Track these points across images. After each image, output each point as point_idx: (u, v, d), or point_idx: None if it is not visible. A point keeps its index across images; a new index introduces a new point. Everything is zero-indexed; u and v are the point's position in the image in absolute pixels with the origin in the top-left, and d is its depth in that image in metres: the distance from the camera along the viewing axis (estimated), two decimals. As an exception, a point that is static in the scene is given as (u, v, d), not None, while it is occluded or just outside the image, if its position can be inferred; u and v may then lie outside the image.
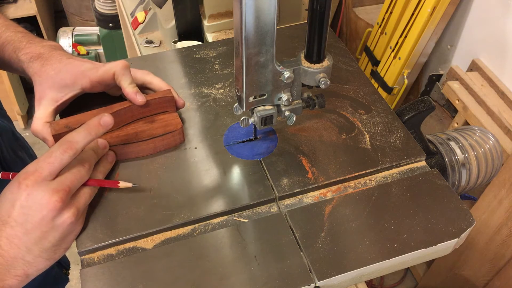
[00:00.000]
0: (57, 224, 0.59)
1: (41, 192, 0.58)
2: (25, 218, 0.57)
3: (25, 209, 0.57)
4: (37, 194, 0.58)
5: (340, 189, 0.72)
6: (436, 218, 0.67)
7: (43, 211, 0.58)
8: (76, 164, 0.62)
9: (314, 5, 0.60)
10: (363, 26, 1.74)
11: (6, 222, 0.57)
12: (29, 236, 0.57)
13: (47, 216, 0.58)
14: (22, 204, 0.57)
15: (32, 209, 0.57)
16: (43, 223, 0.58)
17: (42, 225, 0.58)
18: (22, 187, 0.57)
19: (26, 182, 0.58)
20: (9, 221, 0.57)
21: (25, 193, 0.57)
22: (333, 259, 0.63)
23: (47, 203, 0.58)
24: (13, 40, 0.75)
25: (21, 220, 0.57)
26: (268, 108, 0.69)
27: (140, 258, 0.63)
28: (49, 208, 0.58)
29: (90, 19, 2.60)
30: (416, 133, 0.81)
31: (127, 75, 0.73)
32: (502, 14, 1.30)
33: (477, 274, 1.48)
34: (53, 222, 0.59)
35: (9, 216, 0.57)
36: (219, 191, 0.71)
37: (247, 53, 0.60)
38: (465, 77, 1.40)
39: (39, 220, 0.58)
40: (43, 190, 0.58)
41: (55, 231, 0.59)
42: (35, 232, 0.58)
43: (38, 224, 0.58)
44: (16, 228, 0.57)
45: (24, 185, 0.57)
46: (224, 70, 0.91)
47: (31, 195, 0.57)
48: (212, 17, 1.18)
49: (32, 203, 0.57)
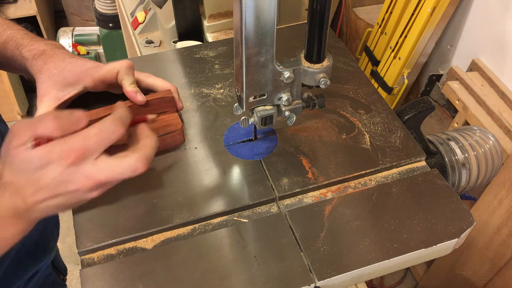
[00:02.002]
0: (82, 198, 0.59)
1: (79, 173, 0.57)
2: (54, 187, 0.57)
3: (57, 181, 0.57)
4: (75, 174, 0.57)
5: (340, 189, 0.72)
6: (436, 218, 0.67)
7: (72, 188, 0.57)
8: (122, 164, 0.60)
9: (314, 5, 0.60)
10: (363, 26, 1.74)
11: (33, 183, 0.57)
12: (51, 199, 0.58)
13: (75, 192, 0.58)
14: (56, 177, 0.56)
15: (64, 184, 0.57)
16: (70, 195, 0.58)
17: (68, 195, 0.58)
18: (62, 163, 0.56)
19: (68, 160, 0.56)
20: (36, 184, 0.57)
21: (61, 169, 0.56)
22: (333, 259, 0.63)
23: (80, 184, 0.57)
24: (15, 38, 0.75)
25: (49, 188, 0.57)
26: (268, 108, 0.69)
27: (140, 258, 0.63)
28: (81, 188, 0.57)
29: (90, 19, 2.60)
30: (416, 133, 0.81)
31: (130, 75, 0.73)
32: (502, 14, 1.30)
33: (477, 274, 1.48)
34: (79, 197, 0.59)
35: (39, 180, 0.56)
36: (219, 191, 0.71)
37: (247, 53, 0.60)
38: (465, 77, 1.40)
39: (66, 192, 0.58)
40: (82, 172, 0.57)
41: (77, 201, 0.59)
42: (59, 198, 0.58)
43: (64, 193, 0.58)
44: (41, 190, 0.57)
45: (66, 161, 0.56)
46: (224, 70, 0.91)
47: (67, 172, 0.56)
48: (212, 17, 1.18)
49: (66, 179, 0.57)
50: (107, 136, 0.58)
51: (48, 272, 0.83)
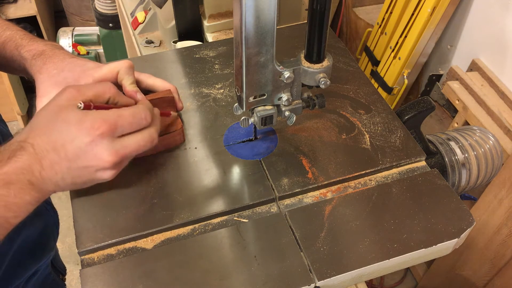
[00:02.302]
0: (97, 175, 0.60)
1: (104, 146, 0.58)
2: (75, 158, 0.58)
3: (80, 151, 0.58)
4: (99, 147, 0.58)
5: (340, 189, 0.72)
6: (436, 218, 0.67)
7: (93, 162, 0.58)
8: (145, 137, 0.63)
9: (314, 5, 0.60)
10: (363, 26, 1.74)
11: (56, 149, 0.57)
12: (69, 171, 0.58)
13: (95, 167, 0.59)
14: (81, 146, 0.57)
15: (86, 155, 0.58)
16: (88, 170, 0.59)
17: (86, 170, 0.59)
18: (91, 132, 0.57)
19: (99, 131, 0.58)
20: (60, 151, 0.57)
21: (89, 138, 0.57)
22: (333, 259, 0.63)
23: (102, 159, 0.59)
24: (14, 38, 0.75)
25: (71, 156, 0.58)
26: (268, 108, 0.69)
27: (140, 258, 0.63)
28: (101, 164, 0.59)
29: (90, 19, 2.60)
30: (416, 133, 0.81)
31: (130, 75, 0.73)
32: (502, 14, 1.30)
33: (477, 274, 1.48)
34: (95, 173, 0.60)
35: (63, 146, 0.58)
36: (219, 191, 0.71)
37: (247, 53, 0.60)
38: (465, 77, 1.40)
39: (85, 166, 0.59)
40: (106, 146, 0.58)
41: (91, 177, 0.61)
42: (76, 171, 0.59)
43: (83, 168, 0.59)
44: (62, 159, 0.58)
45: (95, 132, 0.57)
46: (224, 70, 0.91)
47: (94, 143, 0.58)
48: (212, 17, 1.18)
49: (90, 151, 0.58)
50: (138, 121, 0.62)
51: (47, 272, 0.83)
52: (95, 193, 0.70)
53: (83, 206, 0.69)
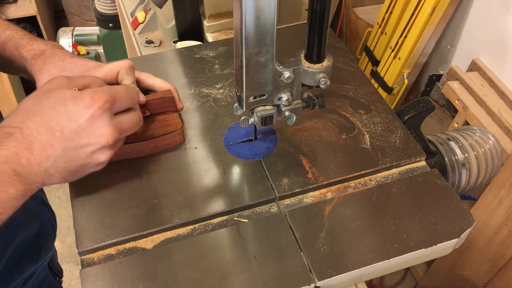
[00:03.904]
0: (94, 157, 0.58)
1: (104, 121, 0.56)
2: (73, 136, 0.55)
3: (79, 128, 0.55)
4: (99, 122, 0.56)
5: (340, 189, 0.72)
6: (436, 218, 0.67)
7: (92, 140, 0.56)
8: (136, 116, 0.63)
9: (314, 5, 0.60)
10: (363, 26, 1.74)
11: (51, 128, 0.54)
12: (64, 153, 0.55)
13: (93, 146, 0.56)
14: (80, 122, 0.55)
15: (86, 131, 0.55)
16: (85, 150, 0.56)
17: (83, 151, 0.56)
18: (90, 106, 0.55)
19: (98, 103, 0.55)
20: (55, 130, 0.54)
21: (89, 113, 0.55)
22: (333, 259, 0.63)
23: (102, 135, 0.56)
24: (14, 38, 0.75)
25: (68, 134, 0.55)
26: (268, 108, 0.69)
27: (140, 258, 0.63)
28: (100, 141, 0.56)
29: (90, 19, 2.60)
30: (416, 133, 0.81)
31: (130, 75, 0.74)
32: (502, 14, 1.30)
33: (477, 274, 1.48)
34: (92, 154, 0.57)
35: (58, 124, 0.54)
36: (219, 191, 0.71)
37: (247, 53, 0.60)
38: (465, 77, 1.40)
39: (83, 145, 0.56)
40: (106, 120, 0.56)
41: (87, 160, 0.58)
42: (72, 153, 0.56)
43: (80, 147, 0.56)
44: (57, 139, 0.54)
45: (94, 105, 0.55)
46: (224, 70, 0.91)
47: (94, 118, 0.55)
48: (212, 17, 1.18)
49: (89, 127, 0.55)
50: (131, 96, 0.61)
51: (44, 274, 0.83)
52: (95, 193, 0.70)
53: (83, 206, 0.69)
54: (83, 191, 0.70)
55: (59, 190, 2.08)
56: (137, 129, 0.64)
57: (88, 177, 0.71)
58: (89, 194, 0.70)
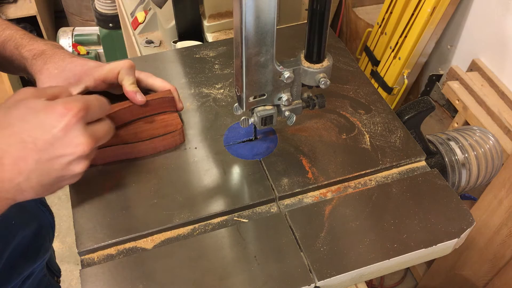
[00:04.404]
0: (70, 168, 0.55)
1: (79, 131, 0.53)
2: (47, 147, 0.52)
3: (53, 138, 0.52)
4: (74, 131, 0.53)
5: (340, 189, 0.72)
6: (436, 218, 0.67)
7: (68, 150, 0.53)
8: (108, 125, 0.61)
9: (314, 5, 0.60)
10: (363, 26, 1.74)
11: (22, 141, 0.51)
12: (37, 166, 0.52)
13: (69, 156, 0.54)
14: (54, 132, 0.52)
15: (61, 142, 0.52)
16: (61, 161, 0.53)
17: (58, 162, 0.53)
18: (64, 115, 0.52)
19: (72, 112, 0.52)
20: (27, 142, 0.51)
21: (63, 123, 0.52)
22: (333, 259, 0.63)
23: (78, 144, 0.53)
24: (14, 38, 0.75)
25: (41, 146, 0.52)
26: (268, 108, 0.69)
27: (140, 258, 0.63)
28: (76, 150, 0.54)
29: (90, 19, 2.60)
30: (416, 133, 0.81)
31: (130, 75, 0.74)
32: (502, 14, 1.30)
33: (477, 274, 1.48)
34: (68, 165, 0.54)
35: (30, 136, 0.51)
36: (219, 191, 0.71)
37: (247, 53, 0.60)
38: (465, 77, 1.40)
39: (59, 156, 0.53)
40: (82, 130, 0.54)
41: (62, 172, 0.55)
42: (46, 165, 0.53)
43: (55, 159, 0.53)
44: (30, 152, 0.51)
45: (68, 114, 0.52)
46: (224, 70, 0.91)
47: (68, 127, 0.52)
48: (212, 17, 1.18)
49: (64, 136, 0.52)
50: (104, 106, 0.60)
51: (42, 274, 0.82)
52: (95, 193, 0.70)
53: (83, 206, 0.69)
54: (83, 191, 0.70)
55: (59, 190, 2.07)
56: (109, 138, 0.61)
57: (88, 177, 0.71)
58: (89, 194, 0.70)
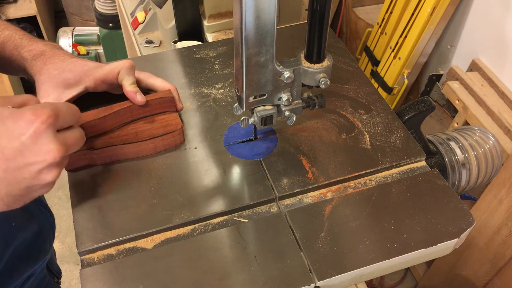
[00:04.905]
0: (40, 177, 0.52)
1: (49, 137, 0.51)
2: (16, 155, 0.49)
3: (22, 146, 0.49)
4: (44, 138, 0.50)
5: (340, 189, 0.72)
6: (436, 218, 0.67)
7: (38, 157, 0.50)
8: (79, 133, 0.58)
9: (314, 5, 0.60)
10: (363, 26, 1.74)
11: None
12: (5, 175, 0.49)
13: (39, 164, 0.51)
14: (22, 139, 0.49)
15: (30, 149, 0.50)
16: (31, 169, 0.51)
17: (28, 171, 0.51)
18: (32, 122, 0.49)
19: (41, 119, 0.50)
20: None
21: (32, 129, 0.50)
22: (333, 259, 0.63)
23: (48, 152, 0.51)
24: (13, 38, 0.75)
25: (9, 155, 0.49)
26: (268, 108, 0.69)
27: (140, 258, 0.63)
28: (47, 158, 0.51)
29: (90, 19, 2.60)
30: (416, 133, 0.81)
31: (130, 75, 0.74)
32: (502, 14, 1.30)
33: (477, 274, 1.48)
34: (38, 174, 0.51)
35: None
36: (219, 191, 0.71)
37: (247, 53, 0.60)
38: (465, 77, 1.40)
39: (28, 164, 0.50)
40: (52, 136, 0.51)
41: (32, 182, 0.52)
42: (15, 174, 0.50)
43: (24, 167, 0.50)
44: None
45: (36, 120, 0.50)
46: (224, 70, 0.91)
47: (38, 134, 0.50)
48: (212, 17, 1.18)
49: (33, 144, 0.50)
50: (74, 113, 0.57)
51: (43, 275, 0.82)
52: (95, 193, 0.70)
53: (83, 206, 0.69)
54: (83, 191, 0.70)
55: (59, 190, 2.08)
56: (81, 146, 0.59)
57: (88, 177, 0.72)
58: (89, 194, 0.70)
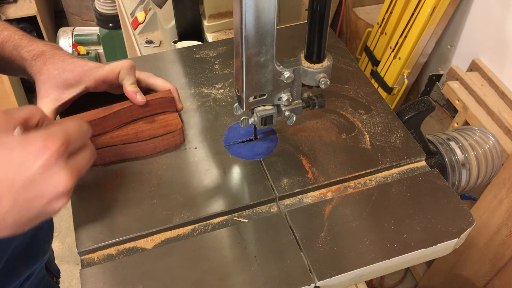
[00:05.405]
0: (49, 207, 0.50)
1: (59, 167, 0.49)
2: (24, 189, 0.47)
3: (30, 179, 0.47)
4: (54, 168, 0.48)
5: (340, 189, 0.72)
6: (436, 218, 0.67)
7: (48, 188, 0.48)
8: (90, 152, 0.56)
9: (314, 5, 0.60)
10: (363, 26, 1.74)
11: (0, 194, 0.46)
12: (14, 207, 0.47)
13: (49, 195, 0.49)
14: (31, 172, 0.47)
15: (39, 183, 0.48)
16: (40, 201, 0.48)
17: (37, 202, 0.49)
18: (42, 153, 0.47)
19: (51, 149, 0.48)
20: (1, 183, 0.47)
21: (41, 161, 0.47)
22: (333, 259, 0.63)
23: (59, 183, 0.49)
24: (13, 38, 0.75)
25: (17, 188, 0.47)
26: (268, 108, 0.69)
27: (140, 258, 0.63)
28: (58, 190, 0.49)
29: (90, 19, 2.60)
30: (416, 133, 0.81)
31: (131, 75, 0.74)
32: (502, 14, 1.30)
33: (477, 274, 1.48)
34: (46, 205, 0.49)
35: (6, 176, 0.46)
36: (219, 191, 0.71)
37: (247, 53, 0.60)
38: (465, 77, 1.40)
39: (38, 196, 0.48)
40: (62, 167, 0.49)
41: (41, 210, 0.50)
42: (24, 206, 0.48)
43: (34, 199, 0.48)
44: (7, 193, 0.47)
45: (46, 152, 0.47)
46: (224, 70, 0.91)
47: (48, 165, 0.48)
48: (212, 17, 1.18)
49: (42, 177, 0.48)
50: (85, 133, 0.55)
51: (41, 275, 0.82)
52: (95, 193, 0.70)
53: (83, 206, 0.69)
54: (83, 190, 0.70)
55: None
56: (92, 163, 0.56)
57: (88, 177, 0.72)
58: (89, 194, 0.70)
